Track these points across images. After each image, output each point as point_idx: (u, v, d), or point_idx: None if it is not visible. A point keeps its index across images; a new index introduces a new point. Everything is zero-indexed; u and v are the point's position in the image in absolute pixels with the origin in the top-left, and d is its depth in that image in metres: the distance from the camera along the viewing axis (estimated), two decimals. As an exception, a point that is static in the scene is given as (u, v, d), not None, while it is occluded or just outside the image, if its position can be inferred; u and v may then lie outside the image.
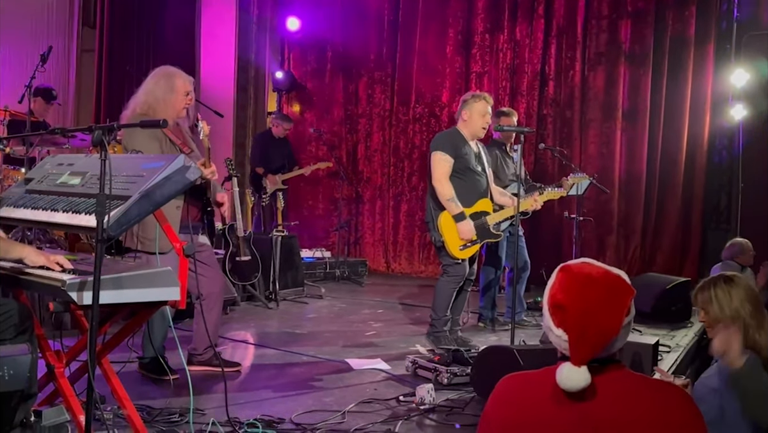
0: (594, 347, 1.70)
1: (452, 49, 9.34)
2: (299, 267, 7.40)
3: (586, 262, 1.82)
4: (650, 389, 1.75)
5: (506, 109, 6.28)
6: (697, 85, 8.19)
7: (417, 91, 9.56)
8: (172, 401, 3.55)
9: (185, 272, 2.90)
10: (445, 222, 4.93)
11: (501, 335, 5.67)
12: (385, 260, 9.71)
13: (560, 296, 1.75)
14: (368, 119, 9.89)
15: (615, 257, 8.32)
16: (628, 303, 1.75)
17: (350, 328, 5.92)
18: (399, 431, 3.36)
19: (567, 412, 1.71)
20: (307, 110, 10.23)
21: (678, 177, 8.26)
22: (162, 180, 2.79)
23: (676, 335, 5.79)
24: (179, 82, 4.06)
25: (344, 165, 9.66)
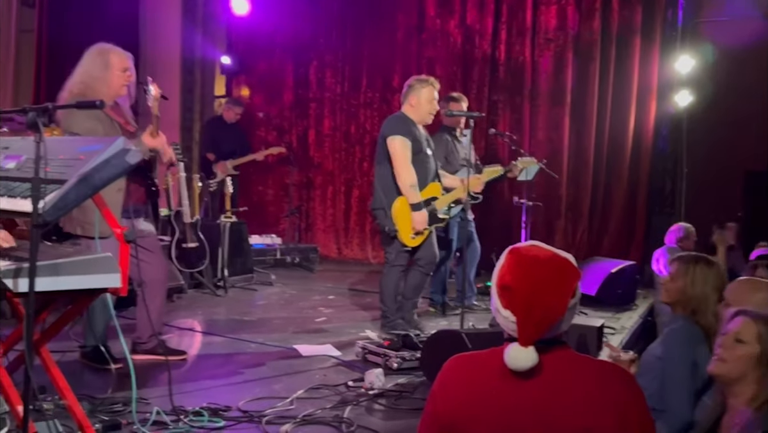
0: (540, 328, 1.73)
1: (403, 33, 9.32)
2: (248, 254, 7.33)
3: (534, 244, 1.85)
4: (593, 369, 1.80)
5: (456, 94, 6.28)
6: (643, 72, 8.35)
7: (368, 76, 9.52)
8: (115, 391, 3.48)
9: (126, 258, 2.83)
10: (400, 209, 4.90)
11: (451, 320, 5.72)
12: (337, 246, 9.68)
13: (508, 278, 1.78)
14: (319, 104, 9.81)
15: (563, 240, 8.46)
16: (574, 286, 1.79)
17: (300, 314, 5.89)
18: (348, 416, 3.36)
19: (512, 390, 1.74)
20: (255, 94, 10.08)
21: (624, 162, 8.43)
22: (101, 163, 2.71)
23: (622, 317, 5.93)
24: (115, 58, 3.94)
25: (295, 150, 9.57)
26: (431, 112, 5.08)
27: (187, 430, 3.14)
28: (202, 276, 6.52)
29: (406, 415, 3.45)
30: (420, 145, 5.00)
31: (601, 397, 1.72)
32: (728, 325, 2.19)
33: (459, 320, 4.93)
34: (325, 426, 3.25)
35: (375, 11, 9.45)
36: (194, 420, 3.22)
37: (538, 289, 1.74)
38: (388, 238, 5.02)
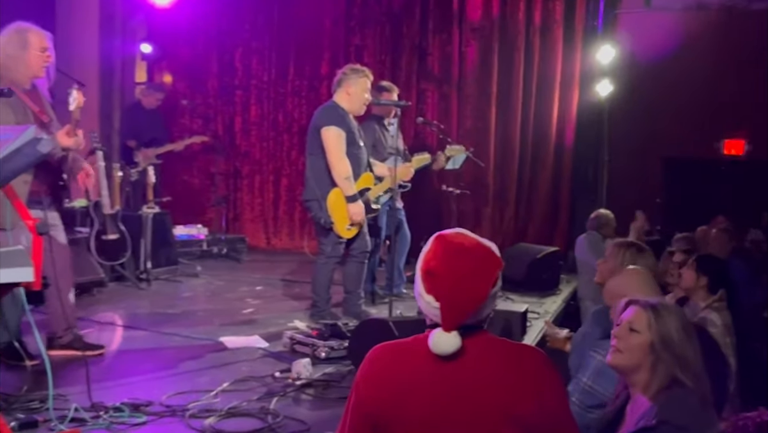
0: (463, 314, 1.77)
1: (330, 20, 9.28)
2: (173, 245, 7.18)
3: (460, 232, 1.89)
4: (512, 352, 1.86)
5: (387, 84, 6.28)
6: (566, 62, 8.56)
7: (296, 63, 9.43)
8: (30, 389, 3.37)
9: (40, 251, 2.75)
10: (335, 201, 4.90)
11: (380, 308, 5.74)
12: (266, 236, 9.59)
13: (433, 264, 1.81)
14: (245, 91, 9.67)
15: (490, 227, 8.61)
16: (496, 274, 1.84)
17: (227, 306, 5.81)
18: (274, 407, 3.35)
19: (436, 376, 1.78)
20: (179, 81, 9.84)
21: (549, 151, 8.64)
22: (11, 153, 2.62)
23: (546, 302, 6.09)
24: (33, 37, 3.80)
25: (221, 139, 9.43)
26: (365, 103, 5.08)
27: (108, 426, 3.07)
28: (124, 269, 6.36)
29: (333, 404, 3.46)
30: (354, 136, 5.00)
31: (521, 378, 1.78)
32: (621, 315, 2.23)
33: (387, 308, 4.97)
34: (250, 418, 3.22)
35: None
36: (115, 416, 3.15)
37: (462, 276, 1.77)
38: (323, 230, 5.01)
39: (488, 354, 1.82)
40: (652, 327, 2.12)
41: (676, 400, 2.03)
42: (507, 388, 1.76)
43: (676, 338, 2.09)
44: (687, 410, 2.00)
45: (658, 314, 2.13)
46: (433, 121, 7.86)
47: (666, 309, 2.17)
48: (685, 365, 2.07)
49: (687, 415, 1.98)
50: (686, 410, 2.00)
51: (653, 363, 2.10)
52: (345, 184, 4.86)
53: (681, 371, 2.06)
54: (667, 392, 2.06)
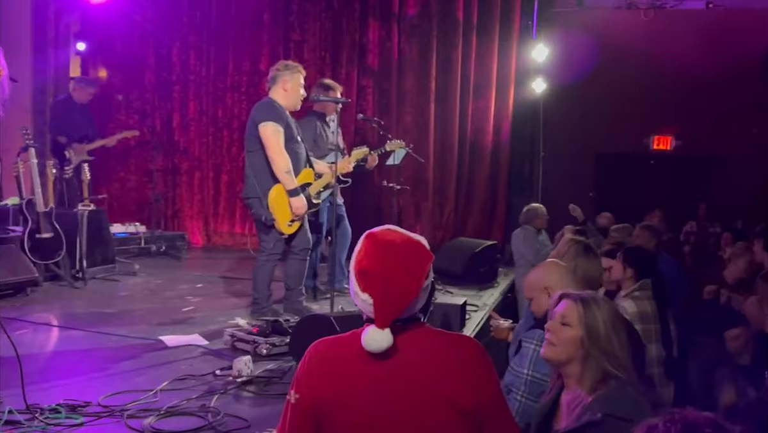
0: (396, 309, 1.80)
1: (270, 16, 9.21)
2: (109, 243, 7.03)
3: (390, 229, 1.91)
4: (447, 343, 1.90)
5: (331, 82, 6.25)
6: (503, 59, 8.71)
7: (235, 59, 9.34)
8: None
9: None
10: (276, 198, 4.88)
11: (322, 303, 5.74)
12: (206, 233, 9.48)
13: (365, 262, 1.84)
14: (183, 86, 9.52)
15: (430, 222, 8.70)
16: (427, 268, 1.87)
17: (166, 304, 5.73)
18: (215, 405, 3.33)
19: (375, 370, 1.81)
20: (114, 75, 9.62)
21: (486, 146, 8.78)
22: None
23: (484, 294, 6.20)
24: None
25: (158, 134, 9.26)
26: (301, 99, 5.09)
27: (44, 428, 3.00)
28: (59, 268, 6.20)
29: (275, 401, 3.44)
30: (292, 132, 5.00)
31: (457, 367, 1.82)
32: (555, 308, 2.26)
33: (329, 304, 4.99)
34: (191, 417, 3.19)
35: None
36: (51, 418, 3.08)
37: (393, 272, 1.81)
38: (264, 227, 4.99)
39: (425, 346, 1.85)
40: (584, 321, 2.15)
41: (616, 393, 2.06)
42: (444, 377, 1.80)
43: (603, 332, 2.13)
44: (629, 402, 2.03)
45: (588, 308, 2.17)
46: (373, 117, 7.90)
47: (596, 303, 2.20)
48: (614, 358, 2.11)
49: (630, 407, 2.01)
50: (629, 403, 2.03)
51: (584, 356, 2.13)
52: (286, 178, 4.86)
53: (610, 365, 2.10)
54: (604, 385, 2.09)
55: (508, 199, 8.86)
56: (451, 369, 1.81)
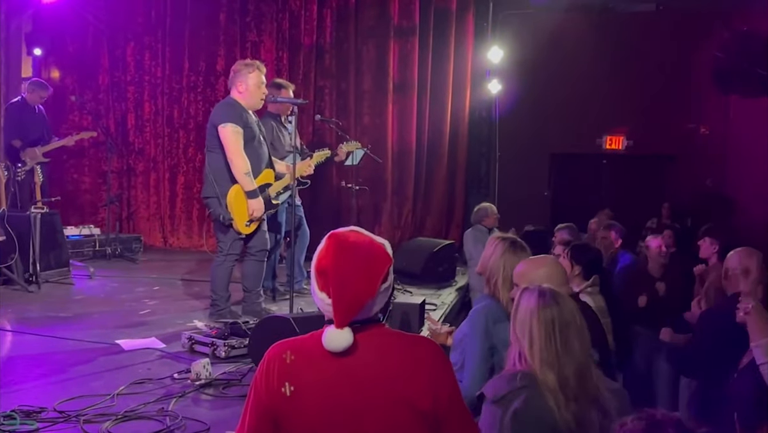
0: (352, 310, 1.80)
1: (226, 16, 9.16)
2: (63, 246, 6.90)
3: (353, 230, 1.91)
4: (405, 344, 1.90)
5: (282, 81, 6.24)
6: (458, 61, 8.80)
7: (190, 59, 9.26)
8: None
9: None
10: (235, 198, 4.85)
11: (281, 304, 5.73)
12: (162, 235, 9.38)
13: (324, 262, 1.84)
14: (138, 87, 9.42)
15: (389, 222, 8.75)
16: (385, 270, 1.87)
17: (122, 307, 5.64)
18: (173, 409, 3.30)
19: (333, 371, 1.81)
20: (67, 76, 9.46)
21: (444, 147, 8.86)
22: None
23: (443, 293, 6.25)
24: None
25: (113, 135, 9.12)
26: (261, 98, 5.05)
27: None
28: (11, 271, 6.07)
29: (234, 403, 3.43)
30: (252, 132, 4.96)
31: (414, 368, 1.82)
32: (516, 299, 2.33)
33: (289, 305, 4.97)
34: (149, 421, 3.15)
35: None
36: (5, 424, 3.02)
37: (350, 273, 1.81)
38: (222, 227, 4.96)
39: (383, 346, 1.86)
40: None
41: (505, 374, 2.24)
42: (402, 378, 1.80)
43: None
44: (504, 383, 2.21)
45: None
46: (331, 118, 7.91)
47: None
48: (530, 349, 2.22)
49: (500, 389, 2.20)
50: (503, 384, 2.21)
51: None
52: (245, 179, 4.83)
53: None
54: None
55: (466, 199, 8.96)
56: (409, 370, 1.82)
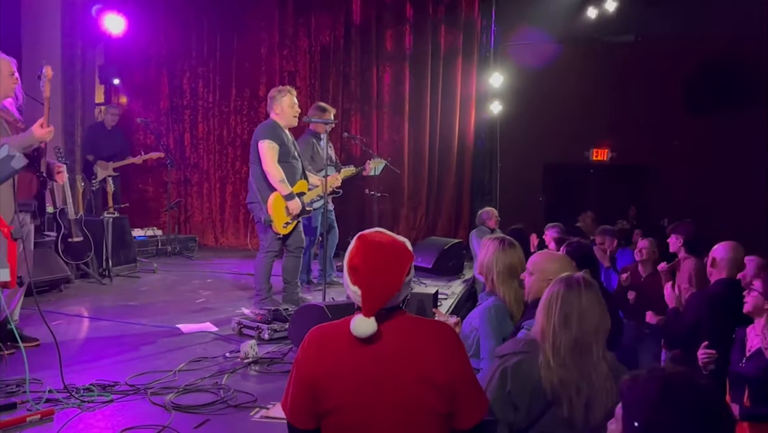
0: (380, 300, 1.81)
1: (266, 50, 9.21)
2: (131, 245, 6.99)
3: (378, 231, 1.92)
4: (423, 327, 1.90)
5: (325, 105, 6.27)
6: (465, 85, 8.78)
7: (237, 86, 9.32)
8: (7, 374, 3.24)
9: (14, 254, 2.66)
10: (273, 203, 4.89)
11: (315, 294, 5.75)
12: (214, 236, 9.43)
13: (356, 259, 1.84)
14: (193, 110, 9.49)
15: (406, 224, 8.74)
16: (408, 265, 1.87)
17: (181, 297, 5.70)
18: (225, 382, 3.33)
19: (362, 351, 1.81)
20: (133, 101, 9.57)
21: (452, 159, 8.83)
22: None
23: (452, 285, 6.23)
24: (2, 64, 3.65)
25: (172, 152, 9.21)
26: (294, 116, 5.08)
27: (79, 405, 2.98)
28: (88, 267, 6.16)
29: (276, 378, 3.45)
30: (288, 149, 4.99)
31: (431, 347, 1.83)
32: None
33: (322, 294, 5.00)
34: (205, 393, 3.19)
35: (241, 29, 9.26)
36: (85, 396, 3.07)
37: (379, 268, 1.82)
38: (263, 227, 5.00)
39: (405, 330, 1.86)
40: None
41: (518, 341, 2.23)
42: (421, 357, 1.80)
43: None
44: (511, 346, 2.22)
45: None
46: (356, 135, 7.92)
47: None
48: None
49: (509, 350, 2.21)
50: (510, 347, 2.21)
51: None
52: (281, 186, 4.88)
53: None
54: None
55: (471, 204, 8.92)
56: (427, 350, 1.82)
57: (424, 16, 8.81)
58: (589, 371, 2.11)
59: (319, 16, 9.04)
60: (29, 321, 4.06)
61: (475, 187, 8.98)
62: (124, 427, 2.73)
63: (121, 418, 2.86)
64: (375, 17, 8.90)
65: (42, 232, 5.81)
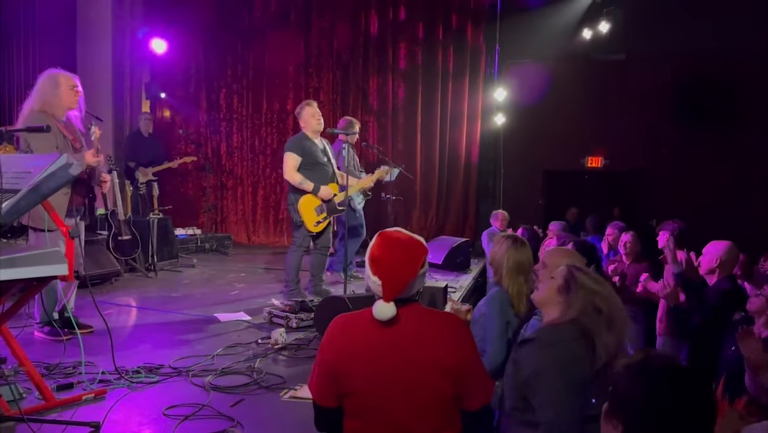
0: (398, 289, 1.82)
1: (293, 68, 9.25)
2: (174, 243, 7.05)
3: (397, 229, 1.94)
4: (435, 318, 1.92)
5: (353, 119, 6.28)
6: (472, 99, 8.75)
7: (267, 101, 9.37)
8: (65, 357, 3.29)
9: (72, 250, 2.70)
10: (304, 205, 4.91)
11: (338, 287, 5.73)
12: (247, 234, 9.49)
13: (377, 253, 1.86)
14: (228, 123, 9.55)
15: (418, 225, 8.72)
16: (423, 259, 1.89)
17: (218, 289, 5.74)
18: (258, 366, 3.35)
19: (379, 337, 1.83)
20: (176, 115, 9.68)
21: (460, 165, 8.80)
22: (47, 176, 2.56)
23: (460, 279, 6.21)
24: (62, 78, 3.74)
25: (210, 159, 9.29)
26: (318, 123, 5.07)
27: (129, 385, 3.02)
28: (136, 262, 6.22)
29: (304, 362, 3.47)
30: (315, 157, 4.98)
31: (442, 336, 1.84)
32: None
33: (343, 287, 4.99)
34: (240, 375, 3.21)
35: (271, 49, 9.31)
36: (133, 377, 3.11)
37: (397, 261, 1.84)
38: (296, 226, 5.03)
39: (418, 320, 1.87)
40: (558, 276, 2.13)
41: (554, 327, 2.03)
42: (433, 344, 1.81)
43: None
44: (556, 333, 1.99)
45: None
46: (374, 144, 7.92)
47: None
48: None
49: (555, 337, 1.98)
50: (555, 334, 1.99)
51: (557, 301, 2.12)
52: (302, 185, 4.90)
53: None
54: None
55: (477, 206, 8.89)
56: (438, 337, 1.82)
57: (435, 38, 8.80)
58: (617, 353, 1.99)
59: (340, 38, 9.06)
60: (84, 310, 4.10)
61: (480, 191, 8.95)
62: (169, 405, 2.76)
63: (166, 397, 2.88)
64: (391, 39, 8.90)
65: (95, 231, 5.87)
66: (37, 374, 2.74)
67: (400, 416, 1.79)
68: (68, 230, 2.71)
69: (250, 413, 2.71)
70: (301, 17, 9.16)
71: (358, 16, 8.98)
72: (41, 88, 3.69)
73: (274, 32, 9.25)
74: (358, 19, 8.98)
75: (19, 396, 2.70)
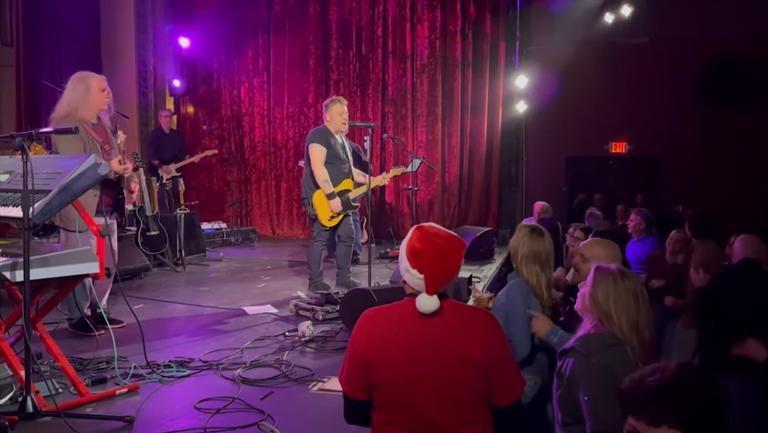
0: (441, 282, 1.80)
1: (314, 61, 9.23)
2: (201, 237, 7.12)
3: (432, 224, 1.91)
4: (465, 312, 1.89)
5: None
6: (493, 87, 8.64)
7: (288, 95, 9.37)
8: (98, 353, 3.34)
9: (102, 249, 2.73)
10: (318, 199, 4.91)
11: (361, 277, 5.72)
12: (271, 227, 9.54)
13: (418, 246, 1.82)
14: (250, 117, 9.59)
15: (440, 215, 8.66)
16: (463, 253, 1.87)
17: (245, 282, 5.77)
18: (286, 359, 3.37)
19: (409, 329, 1.81)
20: (199, 110, 9.75)
21: (482, 154, 8.71)
22: (77, 176, 2.60)
23: (484, 269, 6.15)
24: (93, 81, 3.77)
25: (233, 154, 9.34)
26: (343, 123, 5.05)
27: (160, 379, 3.06)
28: (164, 257, 6.30)
29: (331, 354, 3.48)
30: (335, 152, 4.97)
31: (471, 330, 1.81)
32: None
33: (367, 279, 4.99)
34: (269, 368, 3.23)
35: (291, 44, 9.30)
36: (165, 371, 3.15)
37: (441, 254, 1.80)
38: (312, 220, 5.03)
39: (449, 313, 1.84)
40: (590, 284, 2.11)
41: (593, 336, 2.02)
42: (462, 338, 1.79)
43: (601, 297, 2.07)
44: (594, 344, 1.98)
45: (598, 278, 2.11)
46: (394, 135, 7.88)
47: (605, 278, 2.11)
48: (607, 318, 2.04)
49: (593, 347, 1.97)
50: (593, 344, 1.98)
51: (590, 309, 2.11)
52: (324, 186, 4.88)
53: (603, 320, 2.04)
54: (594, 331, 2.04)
55: (499, 195, 8.79)
56: (467, 332, 1.80)
57: (454, 27, 8.69)
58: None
59: (359, 30, 9.00)
60: (115, 306, 4.17)
61: (502, 180, 8.85)
62: (200, 398, 2.78)
63: (197, 390, 2.91)
64: (410, 28, 8.81)
65: (123, 227, 5.95)
66: (71, 369, 2.78)
67: (428, 409, 1.78)
68: (98, 228, 2.74)
69: (280, 406, 2.72)
70: (320, 9, 9.12)
71: (377, 7, 8.91)
72: (72, 91, 3.72)
73: (294, 26, 9.24)
74: (377, 9, 8.91)
75: (55, 391, 2.74)
